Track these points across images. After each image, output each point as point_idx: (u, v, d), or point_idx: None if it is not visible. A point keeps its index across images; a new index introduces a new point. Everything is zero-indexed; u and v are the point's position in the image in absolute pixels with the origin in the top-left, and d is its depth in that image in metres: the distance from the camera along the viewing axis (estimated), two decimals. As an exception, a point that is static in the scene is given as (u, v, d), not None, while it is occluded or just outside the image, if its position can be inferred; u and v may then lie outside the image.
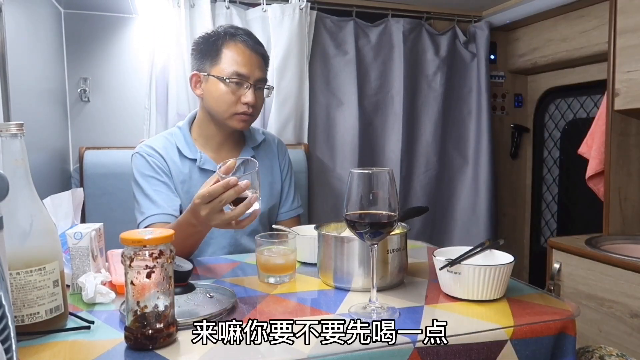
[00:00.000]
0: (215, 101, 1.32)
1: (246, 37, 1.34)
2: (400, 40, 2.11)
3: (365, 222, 0.79)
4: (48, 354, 0.68)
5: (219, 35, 1.34)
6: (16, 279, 0.70)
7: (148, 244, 0.68)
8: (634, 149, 1.68)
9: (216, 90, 1.31)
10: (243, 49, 1.32)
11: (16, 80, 1.25)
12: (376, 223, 0.79)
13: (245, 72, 1.31)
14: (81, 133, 1.92)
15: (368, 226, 0.79)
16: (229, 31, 1.34)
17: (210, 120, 1.37)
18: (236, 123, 1.34)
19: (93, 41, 1.91)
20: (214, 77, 1.31)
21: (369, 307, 0.83)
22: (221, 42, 1.32)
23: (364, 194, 0.79)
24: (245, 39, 1.33)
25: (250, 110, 1.33)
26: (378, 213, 0.79)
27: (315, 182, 2.07)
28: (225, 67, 1.31)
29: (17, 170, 0.72)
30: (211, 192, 0.96)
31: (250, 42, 1.34)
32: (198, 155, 1.35)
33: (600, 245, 1.51)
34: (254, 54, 1.34)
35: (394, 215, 0.79)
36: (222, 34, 1.34)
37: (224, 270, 1.12)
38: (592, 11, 1.96)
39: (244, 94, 1.31)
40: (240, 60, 1.31)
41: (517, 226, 2.54)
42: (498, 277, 0.85)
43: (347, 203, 0.80)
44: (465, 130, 2.29)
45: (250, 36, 1.36)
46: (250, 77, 1.32)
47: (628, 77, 1.54)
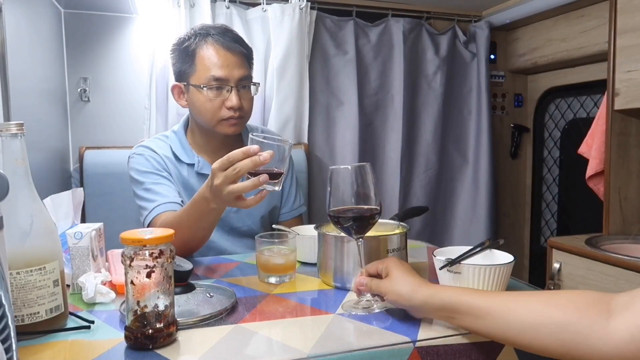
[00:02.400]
0: (198, 111, 1.27)
1: (219, 36, 1.25)
2: (400, 40, 2.11)
3: (349, 217, 0.82)
4: (48, 353, 0.68)
5: (190, 38, 1.26)
6: (16, 278, 0.70)
7: (148, 243, 0.68)
8: (634, 149, 1.68)
9: (197, 100, 1.25)
10: (217, 50, 1.24)
11: (16, 80, 1.24)
12: (360, 216, 0.82)
13: (222, 74, 1.23)
14: (81, 133, 1.92)
15: (351, 220, 0.82)
16: (200, 32, 1.26)
17: (202, 128, 1.33)
18: (226, 128, 1.28)
19: (93, 41, 1.91)
20: (192, 86, 1.25)
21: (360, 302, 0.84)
22: (194, 47, 1.25)
23: (345, 190, 0.81)
24: (217, 39, 1.25)
25: (237, 114, 1.26)
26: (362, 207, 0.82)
27: (315, 182, 2.07)
28: (202, 73, 1.24)
29: (17, 170, 0.71)
30: (230, 158, 0.89)
31: (223, 41, 1.25)
32: (196, 159, 1.33)
33: (600, 245, 1.51)
34: (230, 52, 1.25)
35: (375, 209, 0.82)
36: (193, 37, 1.26)
37: (224, 270, 1.12)
38: (592, 11, 1.96)
39: (227, 98, 1.24)
40: (216, 62, 1.23)
41: (517, 226, 2.54)
42: (498, 277, 0.85)
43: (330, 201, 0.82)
44: (465, 130, 2.29)
45: (225, 34, 1.27)
46: (230, 79, 1.24)
47: (628, 77, 1.54)
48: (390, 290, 0.77)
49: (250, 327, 0.77)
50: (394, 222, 1.08)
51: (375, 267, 0.83)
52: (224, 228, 1.37)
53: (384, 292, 0.78)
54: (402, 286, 0.76)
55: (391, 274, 0.79)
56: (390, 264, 0.81)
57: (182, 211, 1.10)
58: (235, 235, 1.39)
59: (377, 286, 0.80)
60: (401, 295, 0.75)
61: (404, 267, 0.80)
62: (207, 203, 1.01)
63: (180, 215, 1.10)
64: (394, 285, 0.77)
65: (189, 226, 1.07)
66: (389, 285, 0.77)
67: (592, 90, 2.18)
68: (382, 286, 0.79)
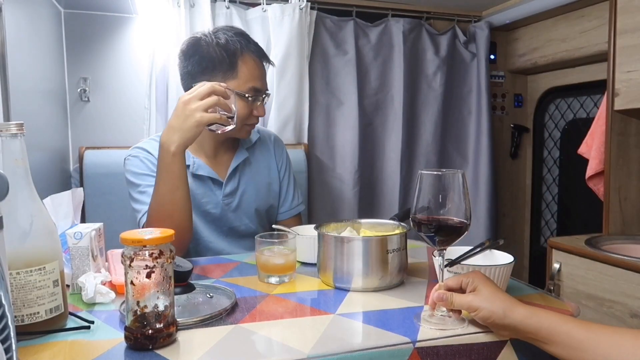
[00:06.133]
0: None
1: (255, 48, 1.31)
2: (400, 40, 2.11)
3: (432, 226, 0.77)
4: (48, 353, 0.68)
5: (233, 43, 1.27)
6: (16, 278, 0.70)
7: (148, 244, 0.68)
8: (634, 149, 1.68)
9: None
10: (257, 62, 1.30)
11: (16, 80, 1.24)
12: (444, 227, 0.77)
13: (260, 86, 1.30)
14: (81, 133, 1.92)
15: (434, 230, 0.77)
16: (242, 42, 1.28)
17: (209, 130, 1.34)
18: (244, 134, 1.35)
19: (93, 41, 1.91)
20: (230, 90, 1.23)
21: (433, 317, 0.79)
22: (238, 55, 1.27)
23: (433, 196, 0.76)
24: (255, 49, 1.31)
25: (258, 121, 1.34)
26: (446, 218, 0.76)
27: (315, 182, 2.07)
28: (244, 81, 1.27)
29: (17, 170, 0.72)
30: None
31: (260, 53, 1.32)
32: (191, 160, 1.32)
33: (600, 245, 1.51)
34: (264, 65, 1.33)
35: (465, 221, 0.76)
36: (237, 45, 1.27)
37: (224, 270, 1.12)
38: (592, 11, 1.96)
39: (256, 108, 1.31)
40: (257, 74, 1.30)
41: (517, 226, 2.54)
42: (498, 277, 0.85)
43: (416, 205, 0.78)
44: (465, 130, 2.29)
45: (257, 45, 1.33)
46: (263, 90, 1.32)
47: (628, 77, 1.54)
48: (482, 307, 0.72)
49: (250, 327, 0.77)
50: (394, 222, 1.08)
51: (458, 281, 0.78)
52: (222, 228, 1.37)
53: (473, 307, 0.73)
54: (496, 304, 0.71)
55: (481, 289, 0.74)
56: (476, 278, 0.76)
57: (154, 185, 1.14)
58: (234, 236, 1.39)
59: (462, 301, 0.75)
60: (494, 313, 0.71)
61: (493, 284, 0.76)
62: (168, 147, 1.09)
63: (154, 190, 1.14)
64: (485, 302, 0.72)
65: (163, 193, 1.11)
66: (480, 301, 0.73)
67: (592, 90, 2.18)
68: (472, 302, 0.73)
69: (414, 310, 0.83)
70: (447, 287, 0.78)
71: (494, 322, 0.72)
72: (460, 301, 0.75)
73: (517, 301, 0.72)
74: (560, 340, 0.67)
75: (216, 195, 1.35)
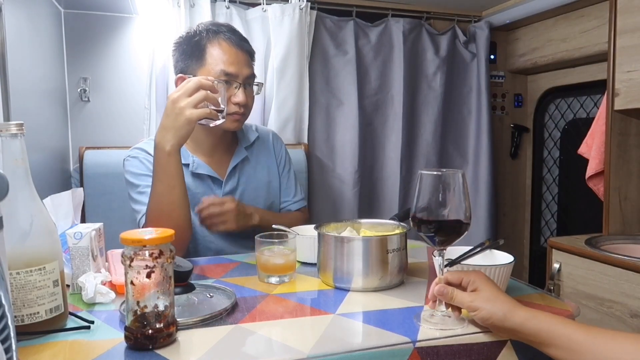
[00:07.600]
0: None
1: (230, 34, 1.30)
2: (400, 40, 2.11)
3: (432, 226, 0.76)
4: (48, 353, 0.68)
5: (201, 34, 1.29)
6: (16, 278, 0.70)
7: (148, 244, 0.68)
8: (634, 149, 1.68)
9: None
10: (228, 47, 1.28)
11: (16, 80, 1.24)
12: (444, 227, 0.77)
13: (233, 70, 1.27)
14: (81, 133, 1.92)
15: (434, 229, 0.77)
16: (211, 29, 1.30)
17: (197, 127, 1.31)
18: (229, 124, 1.30)
19: (93, 41, 1.91)
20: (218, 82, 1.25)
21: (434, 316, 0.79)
22: (205, 41, 1.28)
23: (433, 196, 0.76)
24: (229, 36, 1.29)
25: (242, 110, 1.30)
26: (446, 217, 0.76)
27: (315, 182, 2.07)
28: (212, 67, 1.27)
29: (17, 170, 0.71)
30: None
31: (234, 39, 1.30)
32: (190, 159, 1.32)
33: (600, 245, 1.51)
34: (240, 50, 1.30)
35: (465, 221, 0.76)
36: (204, 32, 1.29)
37: (224, 270, 1.12)
38: (592, 11, 1.96)
39: (234, 94, 1.28)
40: (227, 58, 1.27)
41: (517, 226, 2.54)
42: (498, 277, 0.85)
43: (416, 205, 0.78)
44: (465, 130, 2.29)
45: (234, 32, 1.32)
46: (239, 76, 1.28)
47: (628, 77, 1.54)
48: (482, 307, 0.72)
49: (250, 327, 0.77)
50: (394, 222, 1.08)
51: (459, 277, 0.77)
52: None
53: (473, 307, 0.73)
54: (496, 306, 0.71)
55: (482, 289, 0.74)
56: (478, 279, 0.76)
57: (152, 185, 1.14)
58: (234, 235, 1.38)
59: (463, 299, 0.74)
60: (494, 314, 0.71)
61: (495, 285, 0.75)
62: (162, 147, 1.09)
63: (151, 190, 1.14)
64: (486, 303, 0.72)
65: (161, 193, 1.11)
66: (480, 302, 0.72)
67: (592, 90, 2.18)
68: (472, 301, 0.73)
69: (414, 310, 0.83)
70: (447, 282, 0.78)
71: (493, 323, 0.72)
72: (461, 299, 0.75)
73: (518, 304, 0.72)
74: (560, 344, 0.67)
75: (216, 194, 1.35)
